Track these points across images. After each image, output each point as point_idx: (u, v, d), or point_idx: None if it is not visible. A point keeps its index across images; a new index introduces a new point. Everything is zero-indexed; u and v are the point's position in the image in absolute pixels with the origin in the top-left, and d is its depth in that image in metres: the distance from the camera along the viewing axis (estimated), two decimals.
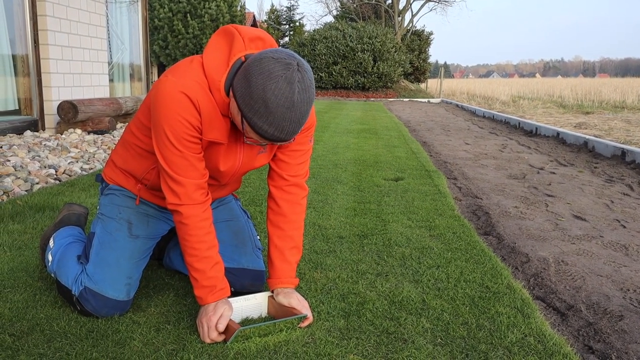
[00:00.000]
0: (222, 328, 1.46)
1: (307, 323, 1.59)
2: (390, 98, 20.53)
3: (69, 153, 4.51)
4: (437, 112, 13.00)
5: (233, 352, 1.43)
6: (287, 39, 34.35)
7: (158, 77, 20.48)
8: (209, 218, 1.52)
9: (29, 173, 3.63)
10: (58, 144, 4.87)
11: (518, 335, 1.58)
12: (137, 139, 1.61)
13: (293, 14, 35.14)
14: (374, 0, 28.79)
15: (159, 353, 1.42)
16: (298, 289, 1.83)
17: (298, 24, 34.85)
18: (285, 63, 1.27)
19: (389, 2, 28.80)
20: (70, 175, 3.79)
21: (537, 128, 7.83)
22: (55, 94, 5.79)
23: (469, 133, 7.87)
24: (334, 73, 20.89)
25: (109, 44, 7.33)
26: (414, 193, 3.49)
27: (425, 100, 19.39)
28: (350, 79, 20.93)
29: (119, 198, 1.70)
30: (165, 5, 18.09)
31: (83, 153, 4.58)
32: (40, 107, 5.72)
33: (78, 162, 4.22)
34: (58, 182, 3.57)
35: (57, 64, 5.79)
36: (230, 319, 1.49)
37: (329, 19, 40.20)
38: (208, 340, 1.46)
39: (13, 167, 3.73)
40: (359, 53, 20.78)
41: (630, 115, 10.69)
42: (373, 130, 7.62)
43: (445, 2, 29.88)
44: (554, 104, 14.67)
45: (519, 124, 8.74)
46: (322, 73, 21.00)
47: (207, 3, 18.05)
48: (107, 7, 7.06)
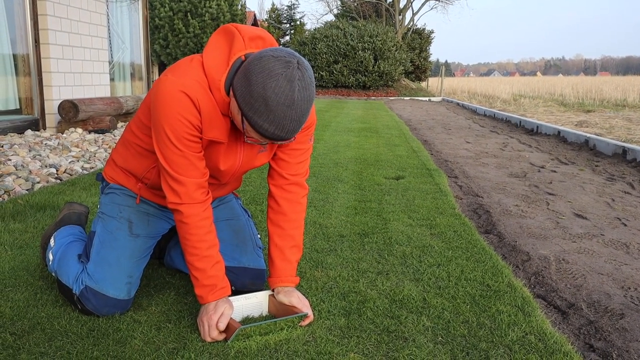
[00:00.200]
0: (222, 327, 1.46)
1: (307, 322, 1.59)
2: (391, 97, 20.52)
3: (70, 152, 4.51)
4: (438, 110, 12.99)
5: (234, 350, 1.43)
6: (287, 38, 34.34)
7: (159, 76, 20.48)
8: (210, 217, 1.52)
9: (30, 172, 3.63)
10: (59, 143, 4.88)
11: (519, 334, 1.58)
12: (137, 138, 1.61)
13: (294, 13, 35.14)
14: None
15: (160, 352, 1.42)
16: (299, 288, 1.83)
17: (299, 23, 34.83)
18: (285, 61, 1.27)
19: (390, 0, 28.76)
20: (71, 175, 3.79)
21: (538, 126, 7.82)
22: (56, 93, 5.79)
23: (470, 132, 7.87)
24: (335, 72, 20.89)
25: (110, 43, 7.33)
26: (415, 192, 3.49)
27: (426, 99, 19.38)
28: (351, 78, 20.93)
29: (120, 197, 1.70)
30: (166, 4, 18.09)
31: (84, 152, 4.59)
32: (41, 106, 5.73)
33: (79, 161, 4.23)
34: (59, 181, 3.57)
35: (57, 63, 5.79)
36: (231, 318, 1.49)
37: (330, 18, 40.16)
38: (209, 339, 1.47)
39: (14, 166, 3.74)
40: (360, 52, 20.77)
41: (632, 114, 10.68)
42: (374, 129, 7.62)
43: (446, 0, 29.87)
44: (555, 103, 14.66)
45: (520, 123, 8.73)
46: (322, 72, 20.99)
47: (207, 2, 18.05)
48: (107, 6, 7.06)
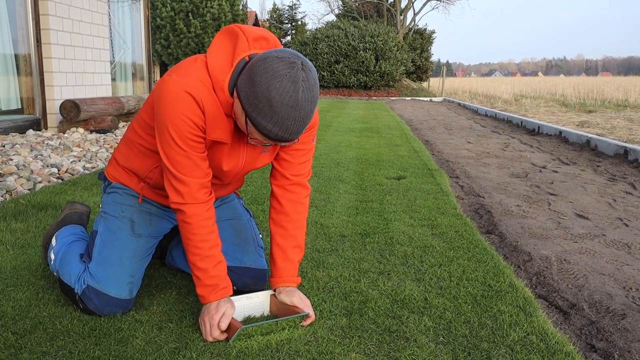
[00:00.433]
0: (224, 326, 1.46)
1: (309, 321, 1.59)
2: (393, 97, 20.52)
3: (72, 152, 4.51)
4: (439, 110, 12.99)
5: (235, 350, 1.43)
6: (289, 38, 34.34)
7: (160, 76, 20.49)
8: (212, 217, 1.52)
9: (32, 172, 3.63)
10: (60, 143, 4.88)
11: (520, 334, 1.58)
12: (140, 138, 1.61)
13: (295, 13, 35.13)
14: None
15: (162, 351, 1.42)
16: (300, 288, 1.83)
17: (300, 23, 34.83)
18: (290, 62, 1.27)
19: (391, 0, 28.76)
20: (73, 174, 3.79)
21: (539, 127, 7.82)
22: (58, 93, 5.80)
23: (471, 132, 7.86)
24: (336, 72, 20.89)
25: (111, 43, 7.34)
26: (416, 192, 3.49)
27: (428, 99, 19.37)
28: (353, 78, 20.92)
29: (122, 197, 1.70)
30: (168, 4, 18.10)
31: (85, 152, 4.59)
32: (43, 106, 5.73)
33: (80, 161, 4.23)
34: (60, 181, 3.58)
35: (59, 63, 5.80)
36: (233, 318, 1.49)
37: (331, 18, 40.15)
38: (210, 339, 1.47)
39: (16, 166, 3.74)
40: (361, 52, 20.77)
41: (633, 114, 10.66)
42: (375, 129, 7.62)
43: (447, 0, 29.84)
44: (557, 103, 14.64)
45: (521, 123, 8.72)
46: (324, 72, 20.99)
47: (209, 2, 18.05)
48: (109, 6, 7.07)
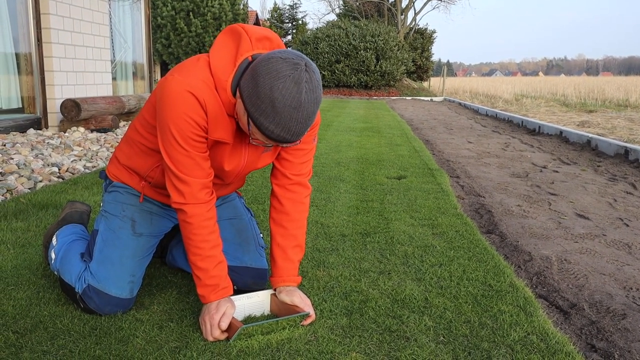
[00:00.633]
0: (224, 326, 1.46)
1: (309, 321, 1.59)
2: (393, 96, 20.51)
3: (72, 151, 4.52)
4: (439, 110, 12.99)
5: (236, 349, 1.43)
6: (289, 38, 34.34)
7: (161, 75, 20.50)
8: (213, 217, 1.52)
9: (32, 171, 3.64)
10: (61, 142, 4.89)
11: (521, 334, 1.58)
12: (141, 137, 1.61)
13: (296, 13, 35.14)
14: None
15: (162, 350, 1.42)
16: (300, 287, 1.83)
17: (301, 23, 34.83)
18: (293, 63, 1.27)
19: (392, 0, 28.75)
20: (74, 174, 3.80)
21: (540, 126, 7.81)
22: (59, 92, 5.80)
23: (472, 131, 7.86)
24: (337, 71, 20.89)
25: (112, 43, 7.34)
26: (417, 191, 3.49)
27: (428, 99, 19.37)
28: (353, 78, 20.92)
29: (123, 196, 1.70)
30: (168, 4, 18.11)
31: (86, 151, 4.60)
32: (44, 105, 5.74)
33: (81, 160, 4.23)
34: (61, 180, 3.58)
35: (60, 62, 5.80)
36: (233, 317, 1.49)
37: (332, 18, 40.14)
38: (211, 338, 1.47)
39: (16, 165, 3.74)
40: (362, 51, 20.76)
41: (634, 114, 10.66)
42: (376, 129, 7.62)
43: (448, 0, 29.84)
44: (557, 103, 14.64)
45: (522, 123, 8.72)
46: (324, 71, 20.99)
47: (209, 1, 18.06)
48: (109, 5, 7.07)
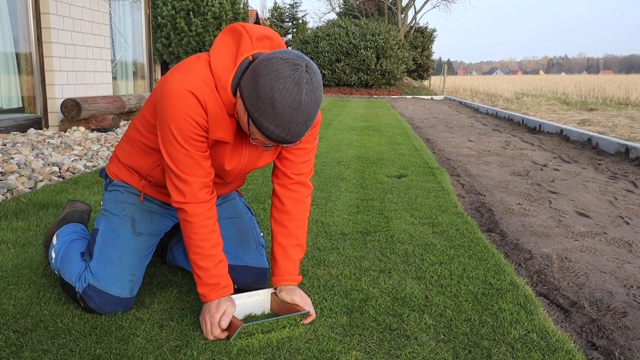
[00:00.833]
0: (225, 325, 1.46)
1: (310, 320, 1.59)
2: (394, 95, 20.50)
3: (73, 151, 4.52)
4: (440, 109, 12.98)
5: (236, 348, 1.43)
6: (290, 37, 34.32)
7: (161, 75, 20.50)
8: (214, 216, 1.52)
9: (33, 171, 3.64)
10: (61, 142, 4.89)
11: (521, 332, 1.58)
12: (141, 136, 1.61)
13: (296, 12, 35.12)
14: None
15: (163, 349, 1.42)
16: (301, 286, 1.83)
17: (301, 22, 34.81)
18: (294, 64, 1.27)
19: None
20: (74, 173, 3.80)
21: (540, 125, 7.81)
22: (59, 92, 5.80)
23: (472, 130, 7.86)
24: (337, 70, 20.88)
25: (112, 42, 7.34)
26: (417, 190, 3.49)
27: (429, 98, 19.35)
28: (354, 76, 20.91)
29: (123, 195, 1.70)
30: (168, 3, 18.09)
31: (86, 151, 4.60)
32: (44, 105, 5.74)
33: (81, 159, 4.23)
34: (61, 179, 3.58)
35: (60, 62, 5.80)
36: (233, 316, 1.49)
37: (332, 16, 40.10)
38: (211, 337, 1.47)
39: (17, 164, 3.74)
40: (362, 50, 20.75)
41: (634, 112, 10.65)
42: (376, 128, 7.62)
43: None
44: (558, 101, 14.62)
45: (523, 121, 8.72)
46: (325, 70, 20.99)
47: (210, 0, 18.05)
48: (110, 4, 7.07)
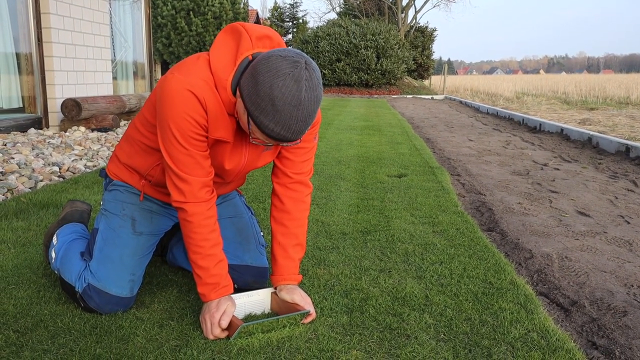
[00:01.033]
0: (225, 324, 1.46)
1: (310, 319, 1.59)
2: (394, 95, 20.50)
3: (73, 150, 4.52)
4: (440, 108, 12.97)
5: (236, 348, 1.43)
6: (290, 36, 34.32)
7: (162, 74, 20.50)
8: (214, 216, 1.52)
9: (33, 170, 3.64)
10: (62, 142, 4.89)
11: (521, 331, 1.58)
12: (142, 135, 1.61)
13: (296, 11, 35.11)
14: None
15: (163, 349, 1.42)
16: (301, 285, 1.82)
17: (301, 21, 34.80)
18: (293, 61, 1.27)
19: None
20: (74, 173, 3.80)
21: (541, 124, 7.80)
22: (59, 92, 5.80)
23: (473, 129, 7.85)
24: (338, 70, 20.87)
25: (112, 42, 7.34)
26: (417, 189, 3.48)
27: (429, 97, 19.35)
28: (354, 76, 20.91)
29: (123, 194, 1.70)
30: (169, 3, 18.09)
31: (87, 150, 4.60)
32: (44, 104, 5.74)
33: (82, 159, 4.23)
34: (62, 179, 3.58)
35: (60, 62, 5.80)
36: (234, 316, 1.49)
37: (332, 16, 40.09)
38: (211, 337, 1.47)
39: (17, 164, 3.74)
40: (362, 50, 20.75)
41: (635, 111, 10.64)
42: (376, 127, 7.62)
43: None
44: (558, 100, 14.62)
45: (523, 120, 8.71)
46: (325, 70, 20.98)
47: (210, 0, 18.04)
48: (110, 4, 7.07)
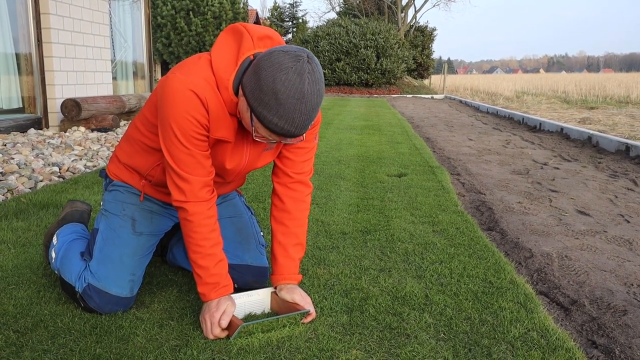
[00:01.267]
0: (225, 324, 1.46)
1: (310, 319, 1.59)
2: (394, 94, 20.50)
3: (73, 151, 4.52)
4: (440, 108, 12.97)
5: (236, 347, 1.43)
6: (290, 36, 34.31)
7: (162, 75, 20.50)
8: (214, 215, 1.52)
9: (33, 171, 3.64)
10: (62, 142, 4.89)
11: (521, 330, 1.58)
12: (142, 135, 1.61)
13: (296, 11, 35.11)
14: None
15: (163, 349, 1.42)
16: (301, 285, 1.83)
17: (301, 21, 34.80)
18: (295, 55, 1.28)
19: None
20: (74, 173, 3.80)
21: (540, 123, 7.80)
22: (59, 92, 5.80)
23: (473, 129, 7.85)
24: (337, 70, 20.87)
25: (112, 42, 7.33)
26: (417, 189, 3.48)
27: (429, 97, 19.35)
28: (354, 76, 20.90)
29: (123, 195, 1.70)
30: (168, 3, 18.09)
31: (86, 151, 4.60)
32: (44, 105, 5.74)
33: (81, 159, 4.23)
34: (62, 179, 3.58)
35: (60, 62, 5.80)
36: (233, 315, 1.49)
37: (332, 16, 40.12)
38: (211, 336, 1.47)
39: (17, 165, 3.74)
40: (362, 49, 20.75)
41: (635, 111, 10.64)
42: (376, 127, 7.62)
43: None
44: (558, 100, 14.61)
45: (523, 120, 8.71)
46: (325, 70, 20.98)
47: (209, 0, 18.03)
48: (109, 4, 7.07)
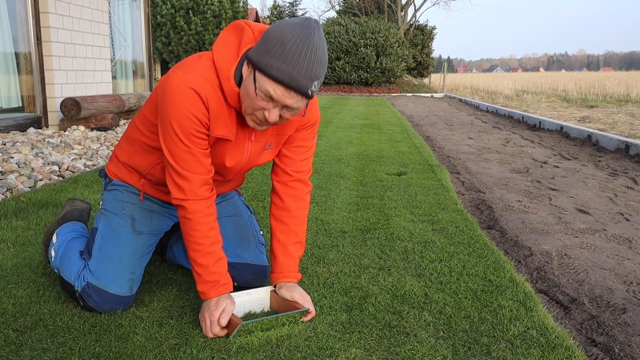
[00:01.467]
0: (224, 323, 1.46)
1: (309, 317, 1.59)
2: (394, 93, 20.49)
3: (72, 150, 4.52)
4: (440, 106, 12.97)
5: (235, 346, 1.43)
6: None
7: (161, 74, 20.50)
8: (214, 214, 1.52)
9: (33, 170, 3.64)
10: (61, 141, 4.89)
11: (520, 329, 1.58)
12: (142, 134, 1.61)
13: (296, 10, 35.10)
14: None
15: (162, 348, 1.42)
16: (300, 284, 1.83)
17: None
18: (302, 19, 1.33)
19: None
20: (74, 172, 3.80)
21: (540, 122, 7.80)
22: (58, 91, 5.80)
23: (472, 127, 7.85)
24: (337, 68, 20.86)
25: (112, 41, 7.33)
26: (417, 187, 3.48)
27: (429, 95, 19.34)
28: (353, 74, 20.89)
29: (123, 194, 1.70)
30: (168, 2, 18.08)
31: (86, 150, 4.60)
32: (44, 104, 5.73)
33: (81, 158, 4.23)
34: (61, 178, 3.58)
35: (59, 61, 5.80)
36: (233, 314, 1.49)
37: (332, 14, 40.11)
38: (211, 335, 1.47)
39: (17, 164, 3.74)
40: (362, 48, 20.73)
41: (635, 109, 10.64)
42: (376, 125, 7.61)
43: None
44: (558, 98, 14.61)
45: (523, 118, 8.71)
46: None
47: None
48: (109, 3, 7.06)
